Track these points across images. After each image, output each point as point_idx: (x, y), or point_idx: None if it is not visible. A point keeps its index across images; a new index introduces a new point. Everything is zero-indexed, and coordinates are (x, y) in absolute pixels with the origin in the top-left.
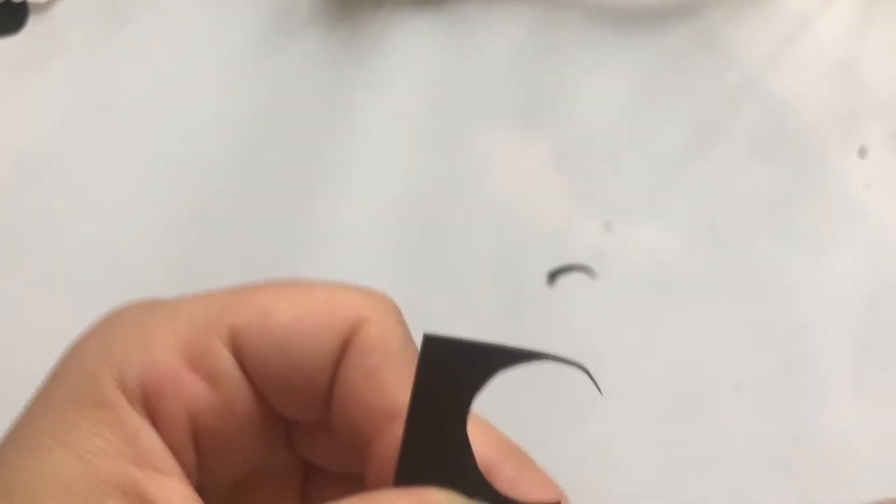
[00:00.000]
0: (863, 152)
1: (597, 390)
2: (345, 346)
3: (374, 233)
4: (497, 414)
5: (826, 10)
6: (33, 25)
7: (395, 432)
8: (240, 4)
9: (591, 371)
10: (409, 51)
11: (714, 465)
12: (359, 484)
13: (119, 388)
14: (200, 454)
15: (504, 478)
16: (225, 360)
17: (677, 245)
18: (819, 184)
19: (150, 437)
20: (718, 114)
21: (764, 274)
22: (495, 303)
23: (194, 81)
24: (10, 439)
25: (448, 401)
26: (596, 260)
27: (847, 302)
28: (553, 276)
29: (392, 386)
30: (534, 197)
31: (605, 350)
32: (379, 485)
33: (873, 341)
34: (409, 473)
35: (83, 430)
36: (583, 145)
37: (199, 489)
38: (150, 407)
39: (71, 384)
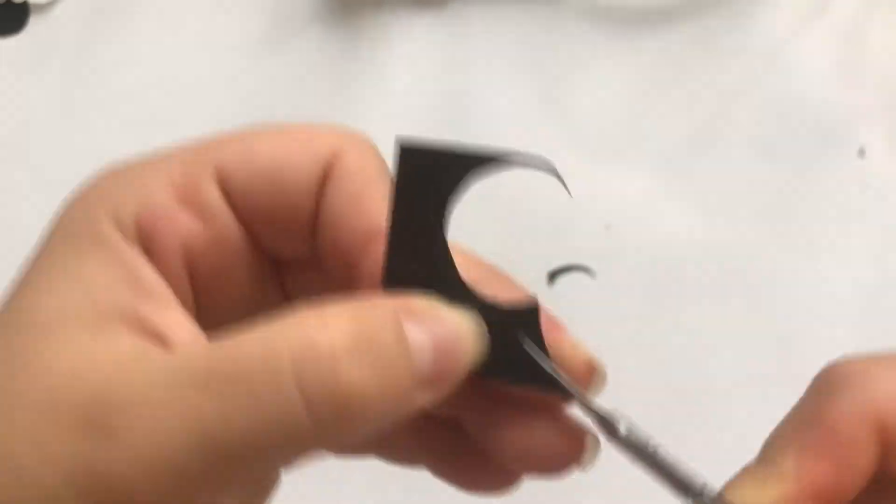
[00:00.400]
0: (862, 153)
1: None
2: (325, 175)
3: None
4: None
5: (825, 12)
6: (34, 26)
7: (379, 251)
8: (241, 6)
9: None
10: (410, 51)
11: (714, 465)
12: None
13: (116, 228)
14: (195, 289)
15: (486, 293)
16: (213, 195)
17: (677, 245)
18: (818, 184)
19: (148, 271)
20: (718, 114)
21: (763, 273)
22: None
23: (195, 82)
24: (21, 283)
25: (427, 208)
26: (596, 260)
27: (846, 301)
28: (553, 275)
29: (373, 208)
30: (533, 197)
31: (604, 350)
32: None
33: (872, 340)
34: (393, 282)
35: (86, 267)
36: (583, 145)
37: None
38: (146, 243)
39: (71, 228)
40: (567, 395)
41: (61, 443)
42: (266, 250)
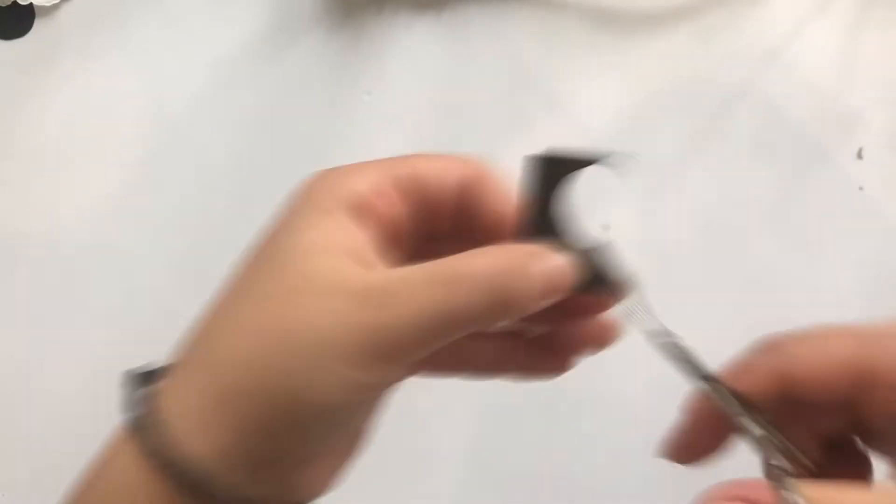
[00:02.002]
0: (860, 153)
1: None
2: (462, 184)
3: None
4: (496, 413)
5: (823, 13)
6: (39, 28)
7: (503, 233)
8: (242, 8)
9: (589, 370)
10: (410, 54)
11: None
12: None
13: (342, 206)
14: (379, 247)
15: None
16: (393, 194)
17: (676, 245)
18: (818, 184)
19: (360, 233)
20: (717, 114)
21: (762, 273)
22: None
23: (197, 83)
24: (277, 231)
25: (546, 192)
26: None
27: (845, 301)
28: None
29: (499, 205)
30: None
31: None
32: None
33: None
34: (525, 238)
35: (325, 226)
36: (582, 144)
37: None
38: (355, 215)
39: (310, 202)
40: (619, 298)
41: (348, 312)
42: (422, 230)
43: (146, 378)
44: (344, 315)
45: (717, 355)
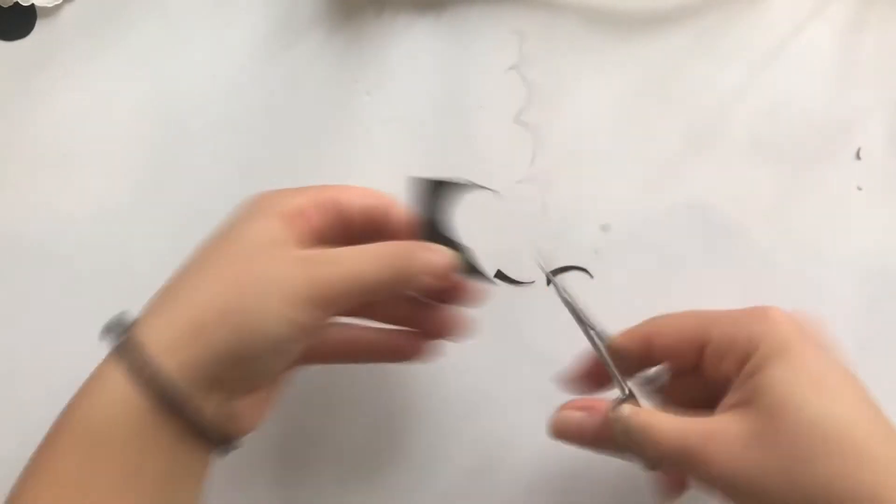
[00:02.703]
0: (859, 154)
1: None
2: (367, 207)
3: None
4: (496, 412)
5: (822, 13)
6: (41, 29)
7: (394, 222)
8: (243, 9)
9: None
10: (410, 54)
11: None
12: None
13: (279, 214)
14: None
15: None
16: (328, 206)
17: (675, 245)
18: (816, 185)
19: (296, 230)
20: (716, 114)
21: (761, 274)
22: (494, 302)
23: (198, 84)
24: (229, 226)
25: (430, 207)
26: (594, 260)
27: (843, 301)
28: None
29: (398, 222)
30: (532, 198)
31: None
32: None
33: (871, 340)
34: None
35: (268, 223)
36: (582, 146)
37: None
38: (299, 226)
39: (253, 211)
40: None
41: (294, 270)
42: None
43: (126, 320)
44: (291, 271)
45: None
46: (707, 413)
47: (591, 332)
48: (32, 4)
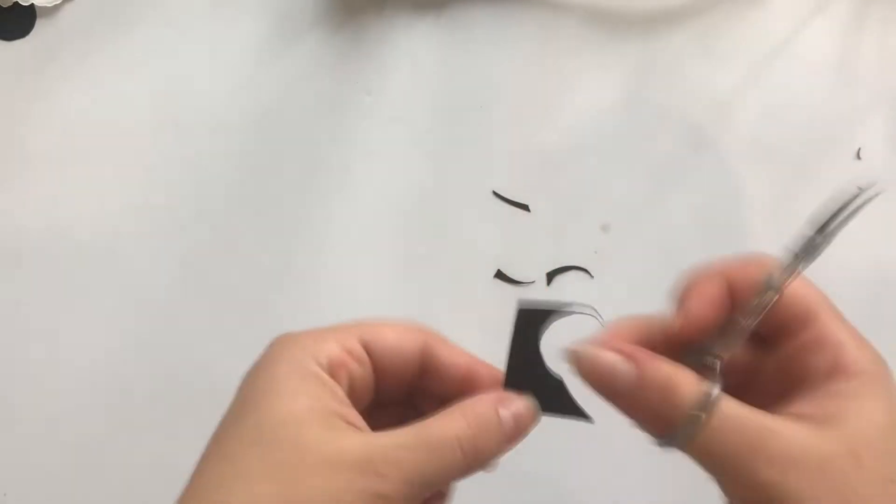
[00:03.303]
0: (860, 154)
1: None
2: (422, 351)
3: (375, 232)
4: None
5: (822, 13)
6: (41, 29)
7: (479, 375)
8: (243, 9)
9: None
10: (410, 54)
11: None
12: None
13: (318, 366)
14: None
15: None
16: (362, 353)
17: (675, 245)
18: (816, 185)
19: (340, 391)
20: (717, 114)
21: None
22: (494, 302)
23: (198, 84)
24: (254, 395)
25: (527, 342)
26: (594, 260)
27: (843, 301)
28: (551, 276)
29: (459, 356)
30: (532, 197)
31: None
32: None
33: (872, 339)
34: (509, 386)
35: (309, 387)
36: (582, 146)
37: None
38: (334, 377)
39: (285, 364)
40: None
41: (350, 485)
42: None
43: None
44: (347, 488)
45: None
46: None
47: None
48: (32, 4)
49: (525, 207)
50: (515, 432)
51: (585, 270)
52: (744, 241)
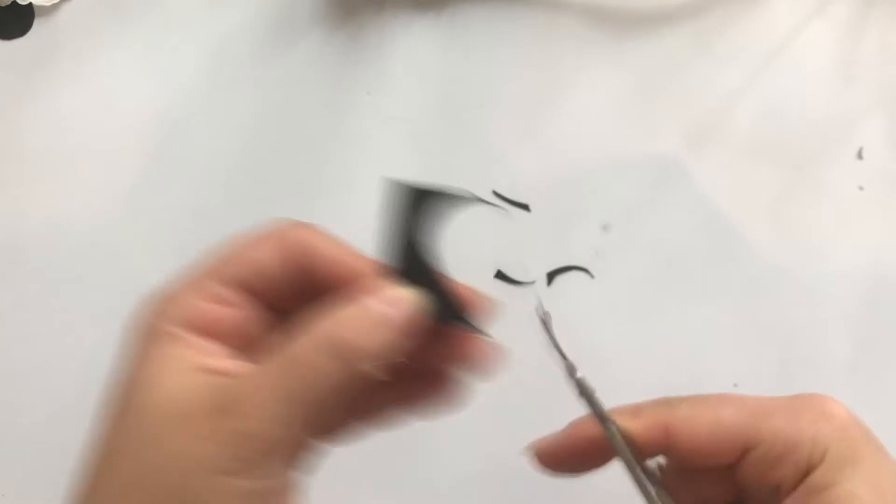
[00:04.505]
0: (861, 153)
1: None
2: (300, 257)
3: (375, 233)
4: (495, 411)
5: (823, 13)
6: (39, 28)
7: (357, 277)
8: (242, 8)
9: (590, 370)
10: (410, 54)
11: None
12: None
13: (174, 326)
14: (246, 350)
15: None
16: (230, 293)
17: (675, 245)
18: (817, 185)
19: (207, 343)
20: (718, 114)
21: (762, 273)
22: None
23: (197, 83)
24: (116, 379)
25: (409, 225)
26: (594, 260)
27: (844, 301)
28: (552, 275)
29: (345, 257)
30: (533, 197)
31: (603, 349)
32: None
33: (871, 339)
34: (392, 277)
35: (165, 348)
36: (582, 146)
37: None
38: (199, 332)
39: (141, 334)
40: (477, 331)
41: (210, 430)
42: (282, 312)
43: None
44: (208, 433)
45: (717, 354)
46: None
47: (603, 419)
48: (30, 3)
49: (525, 207)
50: (396, 318)
51: (585, 270)
52: (744, 240)
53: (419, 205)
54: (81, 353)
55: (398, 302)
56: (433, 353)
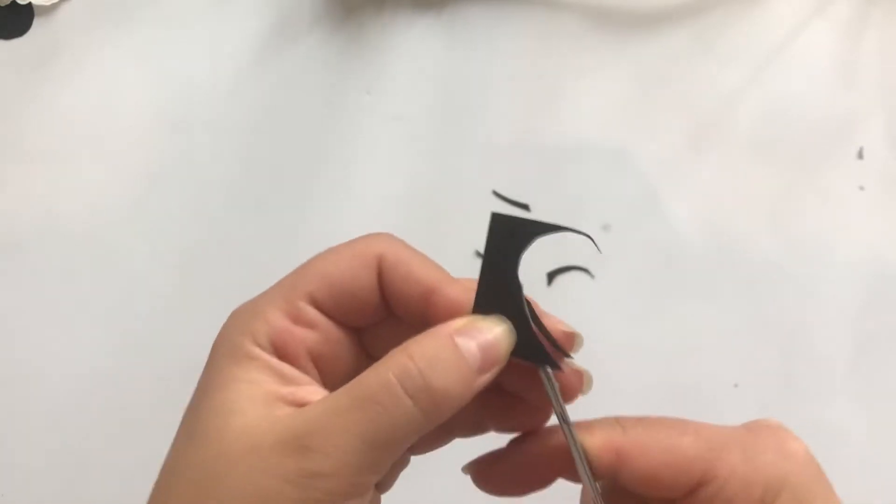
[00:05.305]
0: (861, 153)
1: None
2: (379, 269)
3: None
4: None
5: (823, 13)
6: (39, 27)
7: (440, 297)
8: (243, 8)
9: (590, 370)
10: (410, 53)
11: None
12: None
13: (258, 347)
14: (319, 369)
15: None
16: (312, 312)
17: (676, 245)
18: (818, 184)
19: (287, 368)
20: (718, 114)
21: (762, 273)
22: None
23: (197, 83)
24: (198, 396)
25: (504, 258)
26: (594, 260)
27: (844, 300)
28: (552, 275)
29: (420, 273)
30: (532, 197)
31: (603, 349)
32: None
33: (871, 339)
34: (480, 308)
35: (247, 373)
36: (582, 146)
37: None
38: (280, 353)
39: (226, 353)
40: (558, 368)
41: (274, 468)
42: (355, 328)
43: None
44: (272, 473)
45: (717, 354)
46: None
47: (566, 425)
48: (30, 3)
49: (525, 207)
50: (484, 364)
51: (586, 270)
52: (745, 240)
53: (514, 236)
54: (81, 353)
55: (483, 336)
56: (512, 383)
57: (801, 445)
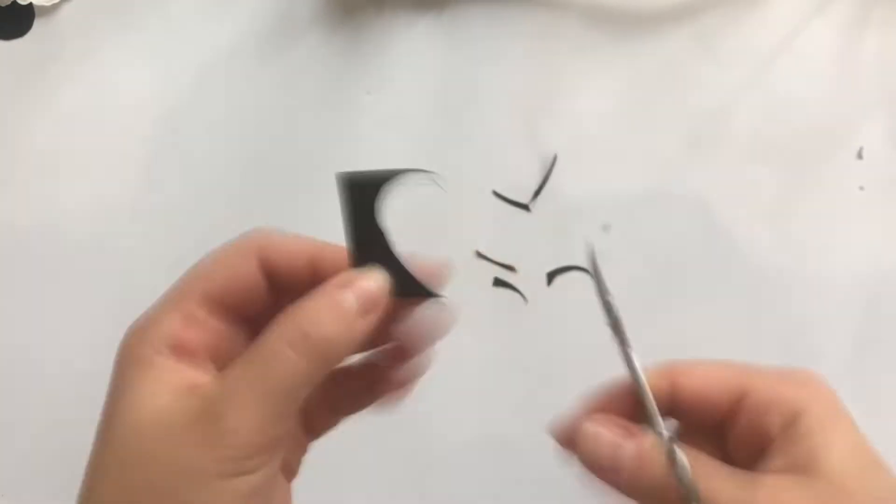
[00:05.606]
0: (861, 153)
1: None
2: (260, 260)
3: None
4: (495, 411)
5: (823, 13)
6: (39, 28)
7: (323, 262)
8: (242, 8)
9: (590, 371)
10: (410, 53)
11: None
12: None
13: (158, 354)
14: (219, 365)
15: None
16: (203, 313)
17: (676, 245)
18: (818, 184)
19: (188, 368)
20: (718, 114)
21: (762, 273)
22: (494, 302)
23: (197, 83)
24: (109, 404)
25: (364, 212)
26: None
27: (845, 300)
28: (552, 276)
29: (299, 245)
30: (532, 197)
31: (603, 348)
32: None
33: (871, 339)
34: (355, 264)
35: (152, 375)
36: (582, 146)
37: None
38: (179, 355)
39: (130, 364)
40: (434, 296)
41: (190, 439)
42: (252, 320)
43: None
44: (198, 440)
45: (717, 354)
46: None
47: (632, 359)
48: (30, 3)
49: (525, 207)
50: (364, 307)
51: (586, 270)
52: (744, 240)
53: (365, 191)
54: (81, 353)
55: (358, 284)
56: (397, 328)
57: (824, 381)
